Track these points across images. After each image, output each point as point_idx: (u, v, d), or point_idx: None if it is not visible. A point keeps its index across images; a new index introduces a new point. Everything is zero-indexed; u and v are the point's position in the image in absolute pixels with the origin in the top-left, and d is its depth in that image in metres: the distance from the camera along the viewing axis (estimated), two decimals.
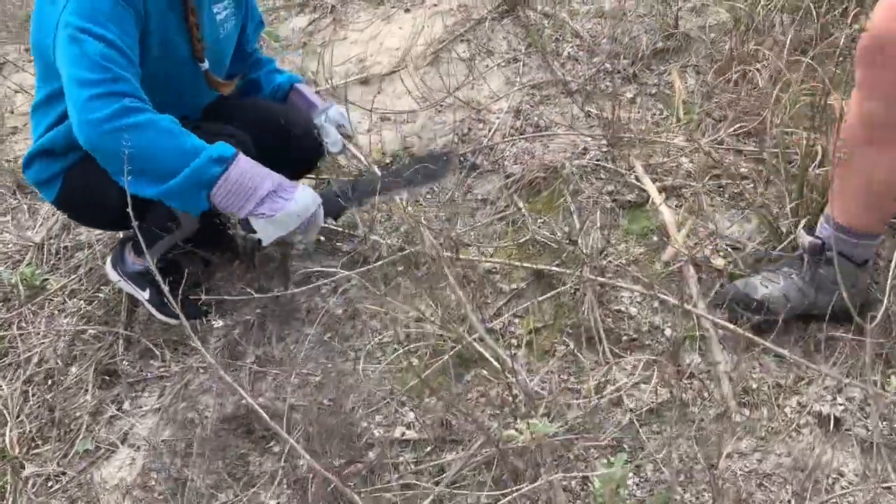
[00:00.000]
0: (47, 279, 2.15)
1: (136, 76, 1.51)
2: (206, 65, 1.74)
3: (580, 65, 2.55)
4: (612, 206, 2.11)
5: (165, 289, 1.84)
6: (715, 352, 1.76)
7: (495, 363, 1.68)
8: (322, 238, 2.03)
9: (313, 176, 2.27)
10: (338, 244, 2.12)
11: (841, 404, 1.64)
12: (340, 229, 2.11)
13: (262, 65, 2.06)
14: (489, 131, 2.38)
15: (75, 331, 1.98)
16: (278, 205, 1.62)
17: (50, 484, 1.68)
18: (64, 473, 1.68)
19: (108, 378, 1.88)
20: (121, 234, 2.03)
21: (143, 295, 1.97)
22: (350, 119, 2.02)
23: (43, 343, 1.96)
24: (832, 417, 1.62)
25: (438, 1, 3.06)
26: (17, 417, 1.80)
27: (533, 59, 2.61)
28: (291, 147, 1.89)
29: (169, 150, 1.49)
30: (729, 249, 1.95)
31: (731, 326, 1.69)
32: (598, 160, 2.21)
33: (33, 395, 1.84)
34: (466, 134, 2.39)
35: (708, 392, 1.72)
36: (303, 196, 1.66)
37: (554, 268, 1.90)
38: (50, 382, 1.87)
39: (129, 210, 1.42)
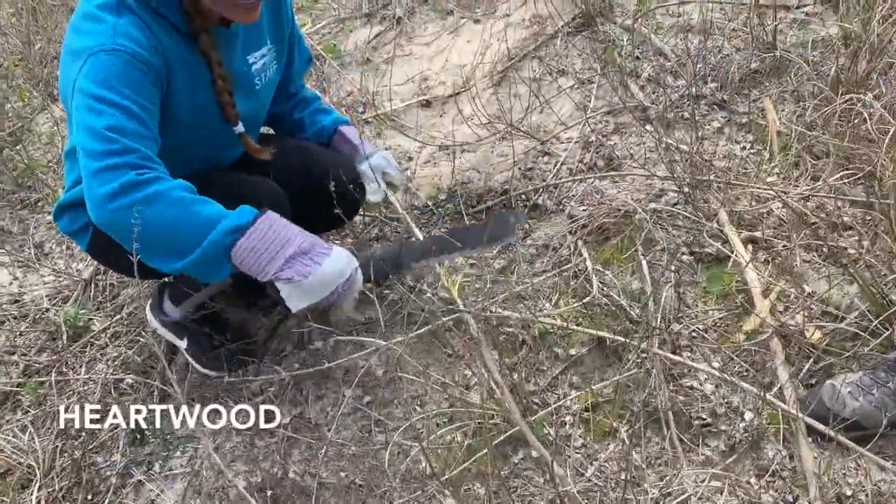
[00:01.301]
0: (92, 319, 2.10)
1: (152, 141, 1.39)
2: (240, 127, 1.61)
3: (661, 88, 2.30)
4: (690, 260, 1.87)
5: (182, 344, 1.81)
6: (802, 446, 1.51)
7: (542, 451, 1.49)
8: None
9: (363, 213, 2.13)
10: (385, 291, 1.98)
11: None
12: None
13: (308, 104, 1.91)
14: (555, 166, 2.17)
15: (113, 380, 1.91)
16: (307, 268, 1.44)
17: None
18: None
19: (139, 436, 1.79)
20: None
21: (181, 344, 1.88)
22: (396, 165, 1.85)
23: (80, 391, 1.90)
24: None
25: (511, 11, 2.85)
26: (47, 475, 1.74)
27: (609, 80, 2.37)
28: (332, 197, 1.74)
29: (181, 225, 1.36)
30: (826, 312, 1.69)
31: (822, 427, 1.44)
32: (675, 204, 1.96)
33: (63, 452, 1.78)
34: (530, 169, 2.18)
35: (792, 496, 1.48)
36: (336, 259, 1.47)
37: (617, 337, 1.68)
38: (82, 437, 1.81)
39: (136, 272, 1.35)
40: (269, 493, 1.62)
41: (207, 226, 1.37)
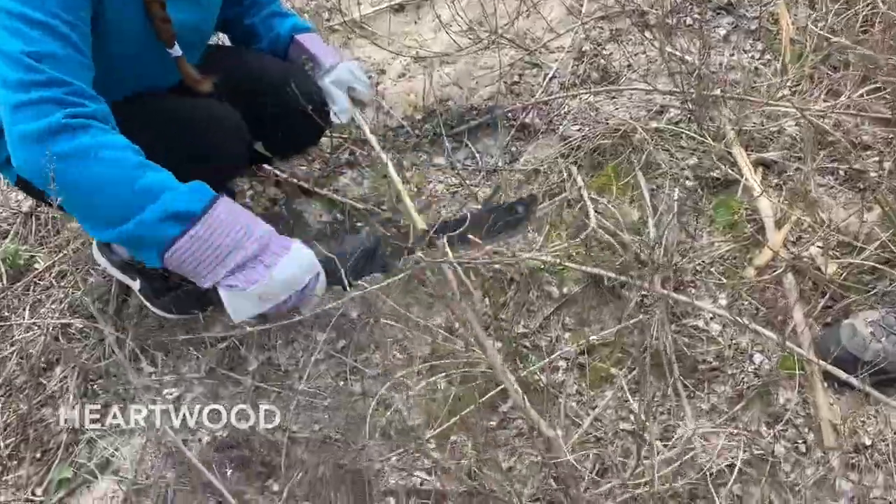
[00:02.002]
0: (34, 256, 1.90)
1: (85, 70, 1.15)
2: (176, 50, 1.36)
3: None
4: (695, 185, 1.70)
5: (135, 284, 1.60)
6: (818, 393, 1.39)
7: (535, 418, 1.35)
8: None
9: (329, 135, 1.91)
10: (358, 223, 1.80)
11: None
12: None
13: (261, 7, 1.65)
14: (544, 79, 1.95)
15: (60, 325, 1.73)
16: (256, 274, 1.17)
17: None
18: None
19: (92, 386, 1.63)
20: None
21: (134, 285, 1.70)
22: (364, 78, 1.62)
23: (24, 338, 1.72)
24: None
25: None
26: None
27: None
28: (291, 119, 1.52)
29: (114, 190, 1.11)
30: (842, 243, 1.54)
31: (845, 376, 1.31)
32: (678, 122, 1.77)
33: (7, 406, 1.62)
34: (517, 82, 1.96)
35: (806, 446, 1.36)
36: (294, 262, 1.20)
37: (616, 275, 1.52)
38: (26, 391, 1.64)
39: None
40: (234, 449, 1.49)
41: (143, 199, 1.12)
